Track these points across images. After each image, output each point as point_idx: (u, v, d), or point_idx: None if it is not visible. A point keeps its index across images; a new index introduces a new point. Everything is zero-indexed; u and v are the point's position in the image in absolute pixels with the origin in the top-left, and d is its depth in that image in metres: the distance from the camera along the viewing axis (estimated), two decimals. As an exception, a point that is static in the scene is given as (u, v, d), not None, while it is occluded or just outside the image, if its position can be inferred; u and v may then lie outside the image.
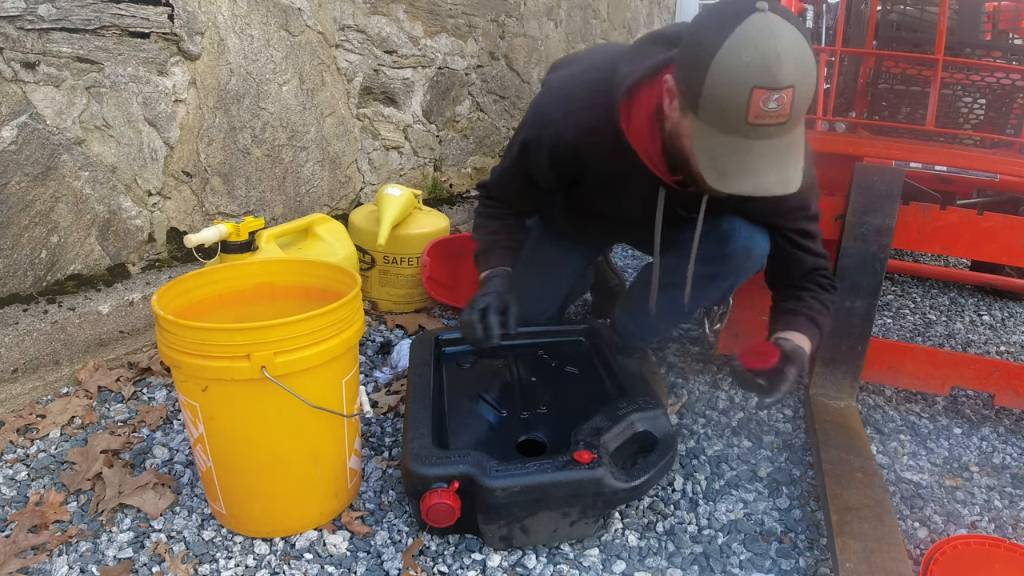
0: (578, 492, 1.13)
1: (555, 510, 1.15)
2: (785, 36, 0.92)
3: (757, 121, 0.94)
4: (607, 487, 1.13)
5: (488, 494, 1.09)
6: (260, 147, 2.14)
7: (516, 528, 1.16)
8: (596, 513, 1.18)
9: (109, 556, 1.15)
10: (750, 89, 0.91)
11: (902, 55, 2.06)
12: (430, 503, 1.09)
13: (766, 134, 0.96)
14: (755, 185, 0.98)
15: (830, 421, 1.54)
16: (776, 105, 0.93)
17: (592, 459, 1.13)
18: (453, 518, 1.10)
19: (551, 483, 1.11)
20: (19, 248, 1.59)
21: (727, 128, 0.96)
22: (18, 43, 1.50)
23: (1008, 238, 1.55)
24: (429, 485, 1.11)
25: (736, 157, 0.98)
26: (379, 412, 1.59)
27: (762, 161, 0.98)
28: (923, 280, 2.76)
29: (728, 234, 1.34)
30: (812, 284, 1.37)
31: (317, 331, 1.08)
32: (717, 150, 0.99)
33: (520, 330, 1.60)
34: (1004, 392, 1.61)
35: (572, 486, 1.12)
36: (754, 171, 0.98)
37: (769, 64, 0.91)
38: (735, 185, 0.99)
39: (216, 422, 1.11)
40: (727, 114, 0.95)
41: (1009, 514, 1.36)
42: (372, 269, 2.14)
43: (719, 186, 1.00)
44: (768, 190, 0.99)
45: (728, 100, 0.93)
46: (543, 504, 1.13)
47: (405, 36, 2.66)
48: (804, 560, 1.21)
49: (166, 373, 1.73)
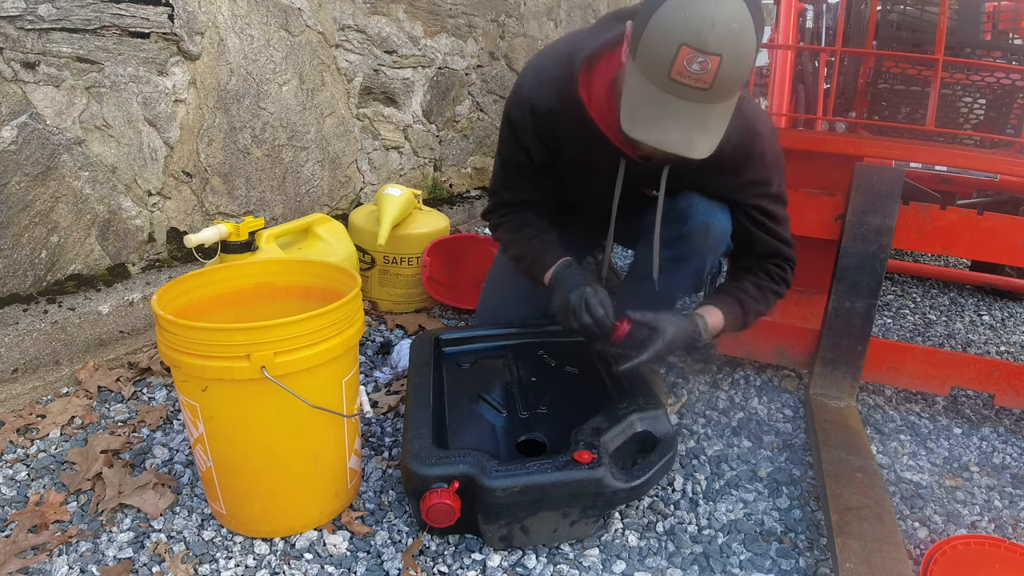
0: (578, 492, 1.13)
1: (555, 510, 1.15)
2: (728, 8, 0.95)
3: (678, 78, 0.97)
4: (607, 487, 1.13)
5: (488, 494, 1.09)
6: (260, 147, 2.14)
7: (516, 528, 1.16)
8: (596, 513, 1.18)
9: (109, 556, 1.15)
10: (678, 45, 0.95)
11: (902, 55, 2.06)
12: (430, 503, 1.09)
13: (684, 94, 0.99)
14: (658, 138, 1.02)
15: (830, 421, 1.53)
16: (699, 68, 0.96)
17: (592, 459, 1.13)
18: (453, 518, 1.10)
19: (551, 483, 1.11)
20: (19, 248, 1.59)
21: (652, 77, 1.00)
22: (18, 43, 1.50)
23: (1008, 238, 1.55)
24: (429, 485, 1.11)
25: (652, 108, 1.01)
26: (379, 412, 1.59)
27: (673, 119, 1.01)
28: (923, 280, 2.76)
29: (686, 212, 1.35)
30: (762, 271, 1.38)
31: (317, 331, 1.08)
32: (638, 96, 1.02)
33: (520, 330, 1.61)
34: (1004, 392, 1.61)
35: (572, 486, 1.12)
36: (662, 125, 1.01)
37: (702, 27, 0.94)
38: (640, 132, 1.03)
39: (216, 422, 1.11)
40: (655, 64, 0.99)
41: (1009, 514, 1.36)
42: (372, 269, 2.14)
43: (628, 130, 1.04)
44: (668, 146, 1.02)
45: (658, 50, 0.97)
46: (543, 504, 1.13)
47: (405, 36, 2.66)
48: (804, 560, 1.21)
49: (166, 373, 1.73)
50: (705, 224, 1.34)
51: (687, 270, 1.42)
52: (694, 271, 1.42)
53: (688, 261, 1.40)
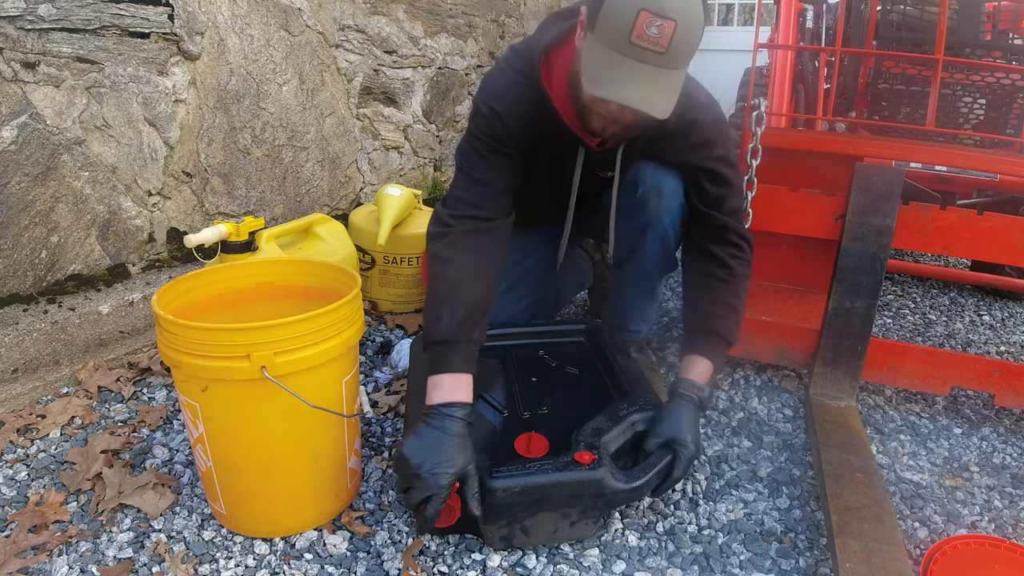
0: (578, 493, 1.13)
1: (555, 511, 1.15)
2: None
3: (637, 42, 1.05)
4: (607, 488, 1.13)
5: (489, 495, 1.09)
6: (260, 147, 2.14)
7: (516, 528, 1.16)
8: (596, 514, 1.18)
9: (109, 556, 1.15)
10: (638, 10, 1.03)
11: (902, 55, 2.06)
12: None
13: (642, 57, 1.06)
14: (622, 94, 1.09)
15: (830, 421, 1.53)
16: (657, 31, 1.04)
17: (593, 460, 1.13)
18: (453, 518, 1.10)
19: (552, 484, 1.11)
20: (19, 248, 1.59)
21: (612, 44, 1.07)
22: (18, 43, 1.50)
23: (1008, 238, 1.55)
24: None
25: (614, 70, 1.08)
26: (379, 412, 1.59)
27: (634, 79, 1.08)
28: (923, 280, 2.76)
29: (637, 180, 1.43)
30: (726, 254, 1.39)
31: (317, 331, 1.08)
32: (600, 62, 1.10)
33: (520, 330, 1.61)
34: (1004, 392, 1.61)
35: (573, 487, 1.12)
36: (624, 83, 1.09)
37: None
38: (605, 90, 1.09)
39: (216, 422, 1.11)
40: (615, 29, 1.06)
41: (1009, 514, 1.36)
42: (372, 269, 2.14)
43: (590, 90, 1.10)
44: (630, 102, 1.09)
45: (618, 17, 1.05)
46: (543, 505, 1.13)
47: (405, 36, 2.66)
48: (804, 560, 1.21)
49: (166, 373, 1.73)
50: (656, 187, 1.42)
51: (653, 242, 1.47)
52: (660, 241, 1.46)
53: (651, 228, 1.45)
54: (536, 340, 1.60)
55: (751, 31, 4.54)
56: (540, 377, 1.47)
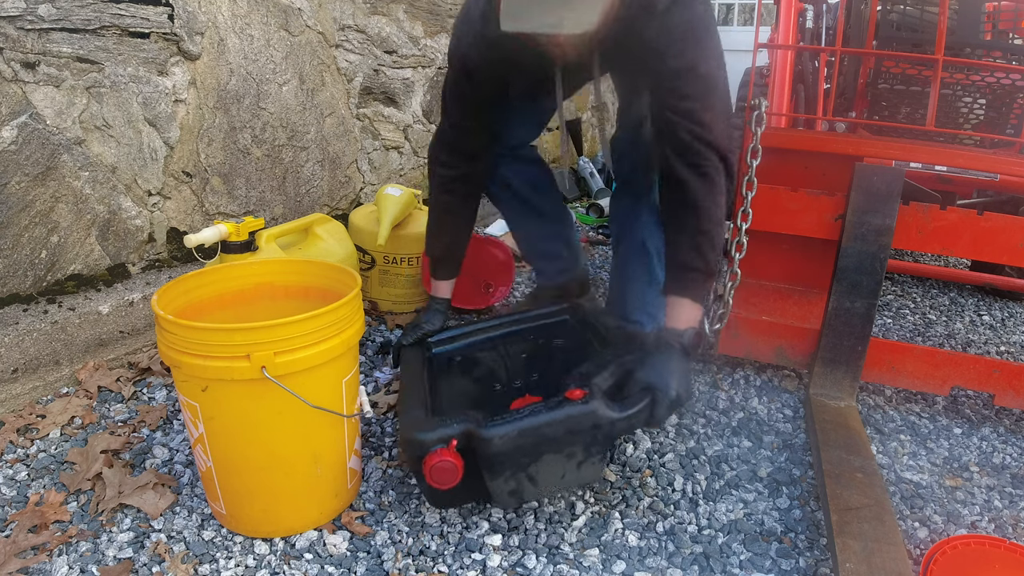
0: (575, 428, 1.13)
1: (558, 452, 1.15)
2: None
3: None
4: (603, 418, 1.13)
5: (487, 444, 1.10)
6: (260, 147, 2.14)
7: (523, 479, 1.15)
8: (599, 450, 1.17)
9: (109, 556, 1.15)
10: None
11: (902, 55, 2.06)
12: (432, 463, 1.09)
13: None
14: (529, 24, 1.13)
15: (830, 421, 1.53)
16: None
17: (584, 394, 1.15)
18: (457, 476, 1.10)
19: (547, 423, 1.12)
20: (19, 248, 1.59)
21: None
22: (18, 43, 1.50)
23: (1008, 238, 1.55)
24: (429, 448, 1.11)
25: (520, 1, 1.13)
26: (379, 412, 1.59)
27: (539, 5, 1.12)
28: (923, 280, 2.76)
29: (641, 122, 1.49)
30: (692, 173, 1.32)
31: (317, 331, 1.08)
32: None
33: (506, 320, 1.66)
34: (1004, 392, 1.61)
35: (568, 422, 1.13)
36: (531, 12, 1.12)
37: None
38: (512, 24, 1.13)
39: (216, 422, 1.11)
40: None
41: (1009, 514, 1.36)
42: (372, 269, 2.14)
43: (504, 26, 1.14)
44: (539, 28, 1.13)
45: None
46: (544, 446, 1.13)
47: (405, 36, 2.66)
48: (804, 560, 1.21)
49: (166, 373, 1.73)
50: None
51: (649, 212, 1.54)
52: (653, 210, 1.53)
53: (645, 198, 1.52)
54: (523, 326, 1.63)
55: (751, 31, 4.54)
56: (530, 353, 1.50)
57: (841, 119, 2.21)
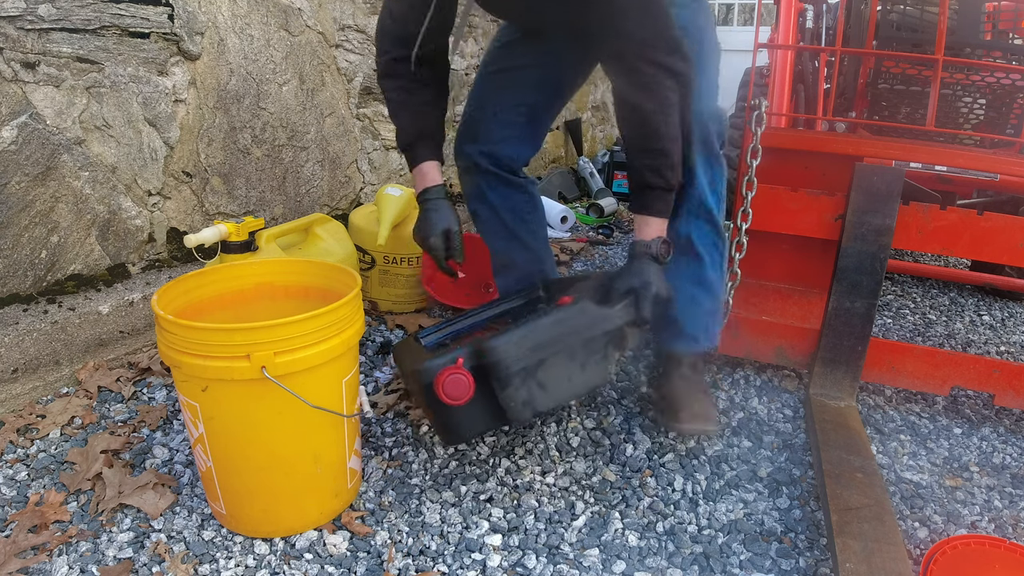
0: (571, 328, 1.21)
1: (560, 353, 1.20)
2: None
3: None
4: (594, 314, 1.23)
5: (491, 353, 1.16)
6: (260, 147, 2.14)
7: (533, 385, 1.19)
8: (597, 347, 1.24)
9: (109, 556, 1.15)
10: None
11: (902, 55, 2.06)
12: (443, 379, 1.14)
13: None
14: None
15: (830, 421, 1.53)
16: None
17: (573, 299, 1.25)
18: (470, 389, 1.15)
19: (544, 325, 1.20)
20: (19, 248, 1.59)
21: None
22: (18, 43, 1.50)
23: (1008, 238, 1.55)
24: (438, 370, 1.16)
25: None
26: (379, 412, 1.59)
27: None
28: (923, 280, 2.76)
29: None
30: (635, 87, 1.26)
31: (317, 331, 1.08)
32: None
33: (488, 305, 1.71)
34: (1004, 392, 1.61)
35: (563, 323, 1.21)
36: None
37: None
38: None
39: (216, 422, 1.11)
40: None
41: (1009, 514, 1.36)
42: (372, 269, 2.14)
43: None
44: None
45: None
46: (545, 348, 1.19)
47: (405, 36, 2.66)
48: (804, 560, 1.21)
49: (166, 373, 1.73)
50: None
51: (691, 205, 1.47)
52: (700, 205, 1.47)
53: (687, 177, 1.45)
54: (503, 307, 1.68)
55: (751, 31, 4.54)
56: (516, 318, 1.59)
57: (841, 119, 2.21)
